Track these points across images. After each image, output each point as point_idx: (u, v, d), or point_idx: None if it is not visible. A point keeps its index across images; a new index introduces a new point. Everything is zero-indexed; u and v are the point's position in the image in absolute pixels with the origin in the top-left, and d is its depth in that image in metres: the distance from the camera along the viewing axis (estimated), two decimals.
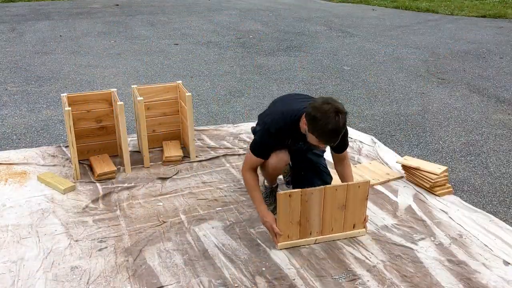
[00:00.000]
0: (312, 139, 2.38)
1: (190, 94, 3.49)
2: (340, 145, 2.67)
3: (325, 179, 2.86)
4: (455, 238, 2.70)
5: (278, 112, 2.61)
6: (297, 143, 2.68)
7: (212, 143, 3.94)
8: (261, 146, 2.63)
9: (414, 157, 3.74)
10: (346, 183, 2.59)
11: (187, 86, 5.50)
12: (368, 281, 2.35)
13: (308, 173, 2.87)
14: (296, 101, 2.66)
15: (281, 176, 3.26)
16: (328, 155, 3.23)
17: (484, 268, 2.45)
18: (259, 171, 2.79)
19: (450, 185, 3.23)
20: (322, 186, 2.54)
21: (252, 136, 3.07)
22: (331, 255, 2.55)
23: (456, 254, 2.57)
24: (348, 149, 3.85)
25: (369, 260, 2.52)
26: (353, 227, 2.68)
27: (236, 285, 2.30)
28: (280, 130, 2.54)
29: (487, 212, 2.98)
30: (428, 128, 4.41)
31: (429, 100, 5.21)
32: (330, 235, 2.65)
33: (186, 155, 3.68)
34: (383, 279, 2.38)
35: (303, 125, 2.42)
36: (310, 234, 2.61)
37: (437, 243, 2.67)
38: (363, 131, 4.34)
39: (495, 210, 3.03)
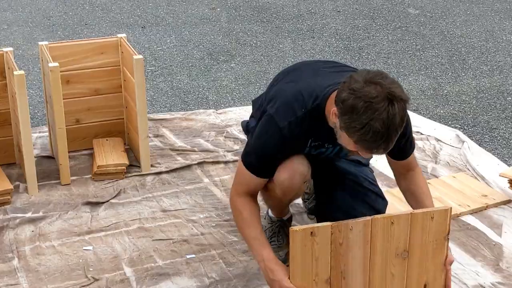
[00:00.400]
0: (346, 140, 2.38)
1: (141, 56, 3.49)
2: (401, 147, 2.67)
3: (374, 203, 2.87)
4: None
5: (290, 92, 2.60)
6: (322, 146, 2.69)
7: (179, 143, 3.94)
8: (260, 156, 2.62)
9: None
10: (409, 212, 2.59)
11: (136, 42, 5.51)
12: None
13: (342, 195, 2.88)
14: (321, 73, 2.65)
15: (300, 201, 3.27)
16: (382, 162, 3.22)
17: None
18: (259, 196, 2.81)
19: None
20: (368, 217, 2.54)
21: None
22: None
23: None
24: (418, 153, 3.86)
25: None
26: None
27: None
28: (294, 125, 2.54)
29: None
30: None
31: None
32: None
33: (134, 164, 3.69)
34: None
35: (332, 115, 2.42)
36: None
37: None
38: (443, 121, 4.35)
39: None
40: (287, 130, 2.54)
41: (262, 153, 2.62)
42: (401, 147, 2.66)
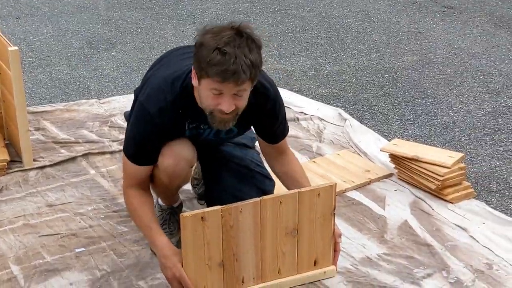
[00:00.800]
0: (203, 90, 2.41)
1: (16, 48, 3.41)
2: (274, 131, 2.72)
3: (261, 185, 2.90)
4: (481, 270, 2.84)
5: (159, 79, 2.62)
6: (199, 127, 2.69)
7: (62, 135, 3.88)
8: (137, 145, 2.62)
9: (408, 139, 3.88)
10: (297, 190, 2.64)
11: (11, 34, 5.35)
12: None
13: (229, 178, 2.90)
14: (188, 57, 2.64)
15: (189, 187, 3.27)
16: None
17: None
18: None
19: (469, 184, 3.38)
20: (257, 198, 2.57)
21: None
22: None
23: None
24: (302, 133, 3.93)
25: None
26: (314, 265, 2.75)
27: None
28: (164, 111, 2.55)
29: None
30: (430, 91, 4.59)
31: (430, 43, 5.41)
32: (277, 281, 2.69)
33: (15, 159, 3.61)
34: None
35: (193, 77, 2.46)
36: (243, 282, 2.64)
37: (452, 280, 2.79)
38: (325, 100, 4.43)
39: None
40: (158, 116, 2.55)
41: (138, 141, 2.62)
42: (273, 131, 2.74)
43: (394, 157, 3.46)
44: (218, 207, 2.51)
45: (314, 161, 3.62)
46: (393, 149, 3.47)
